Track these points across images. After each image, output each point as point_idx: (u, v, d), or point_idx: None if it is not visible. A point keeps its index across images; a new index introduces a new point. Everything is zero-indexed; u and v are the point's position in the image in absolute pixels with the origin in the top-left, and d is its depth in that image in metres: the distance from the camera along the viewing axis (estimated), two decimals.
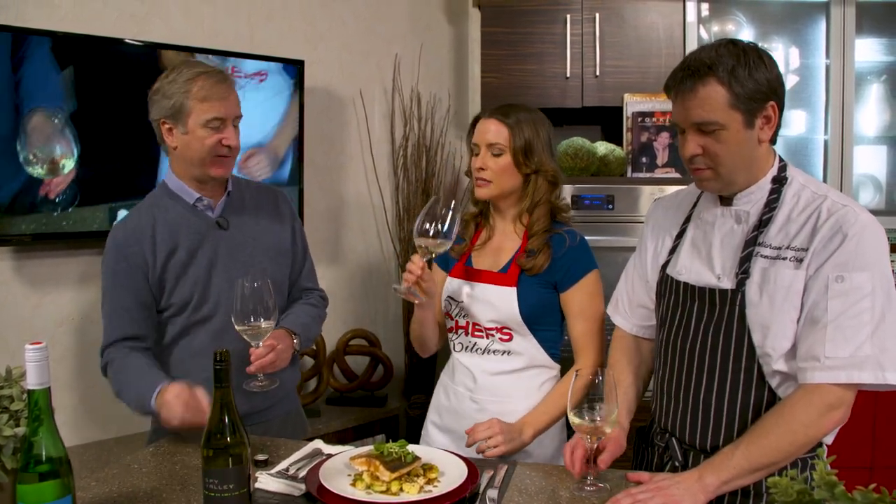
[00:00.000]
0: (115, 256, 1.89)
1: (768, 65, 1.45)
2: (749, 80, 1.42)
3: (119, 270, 1.88)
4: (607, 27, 3.18)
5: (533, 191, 1.88)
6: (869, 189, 3.51)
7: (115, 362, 1.88)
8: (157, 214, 1.92)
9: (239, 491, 1.25)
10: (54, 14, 2.59)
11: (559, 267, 1.86)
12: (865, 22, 3.37)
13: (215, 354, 1.25)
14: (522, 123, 1.86)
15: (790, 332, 1.45)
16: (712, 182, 1.52)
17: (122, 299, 1.88)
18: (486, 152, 1.87)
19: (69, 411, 2.70)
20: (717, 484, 1.38)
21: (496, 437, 1.74)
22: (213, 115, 1.85)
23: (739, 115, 1.44)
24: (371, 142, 3.54)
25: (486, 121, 1.89)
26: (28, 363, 1.13)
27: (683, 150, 1.51)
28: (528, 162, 1.86)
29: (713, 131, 1.45)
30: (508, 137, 1.85)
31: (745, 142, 1.47)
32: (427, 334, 1.99)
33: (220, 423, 1.25)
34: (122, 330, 1.89)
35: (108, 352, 1.90)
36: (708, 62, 1.43)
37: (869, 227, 1.42)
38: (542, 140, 1.88)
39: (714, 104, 1.43)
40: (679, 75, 1.47)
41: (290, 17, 3.24)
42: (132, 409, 1.86)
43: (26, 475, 1.14)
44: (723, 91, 1.42)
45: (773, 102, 1.46)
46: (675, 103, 1.50)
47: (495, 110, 1.90)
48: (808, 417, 1.39)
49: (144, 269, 1.88)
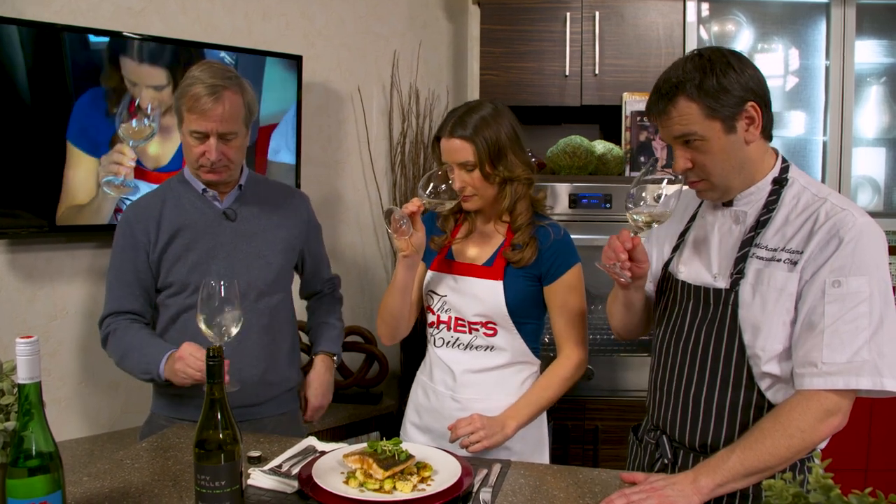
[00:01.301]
0: (122, 231, 1.98)
1: (738, 68, 1.45)
2: (718, 89, 1.43)
3: (125, 246, 1.96)
4: (607, 26, 3.17)
5: (511, 193, 1.87)
6: (867, 191, 3.51)
7: (118, 332, 1.94)
8: (168, 197, 1.99)
9: (231, 487, 1.24)
10: (50, 7, 2.58)
11: (545, 260, 1.86)
12: (866, 23, 3.37)
13: (208, 351, 1.24)
14: (482, 130, 1.81)
15: (781, 335, 1.45)
16: (710, 192, 1.55)
17: (125, 274, 1.96)
18: (459, 170, 1.84)
19: (61, 406, 2.69)
20: (712, 486, 1.38)
21: (478, 433, 1.74)
22: (195, 128, 1.89)
23: (718, 124, 1.45)
24: (369, 138, 3.53)
25: (449, 140, 1.84)
26: (19, 357, 1.12)
27: (675, 166, 1.52)
28: (496, 171, 1.83)
29: (696, 143, 1.47)
30: (474, 152, 1.81)
31: (731, 147, 1.47)
32: (404, 312, 1.92)
33: (213, 419, 1.24)
34: (121, 303, 1.97)
35: (108, 322, 1.97)
36: (675, 81, 1.46)
37: (867, 231, 1.41)
38: (507, 135, 1.84)
39: (689, 119, 1.45)
40: (653, 98, 1.51)
41: (288, 13, 3.23)
42: (136, 374, 1.92)
43: (16, 470, 1.13)
44: (695, 106, 1.44)
45: (753, 102, 1.45)
46: (657, 125, 1.53)
47: (454, 126, 1.83)
48: (806, 423, 1.38)
49: (147, 247, 1.95)
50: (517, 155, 1.86)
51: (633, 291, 1.65)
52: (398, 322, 1.94)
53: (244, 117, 1.94)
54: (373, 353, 3.33)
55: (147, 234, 1.95)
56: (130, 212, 2.00)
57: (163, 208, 1.98)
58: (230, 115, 1.88)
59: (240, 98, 1.91)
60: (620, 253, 1.49)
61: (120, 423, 2.81)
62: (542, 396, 1.86)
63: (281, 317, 2.08)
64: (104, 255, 2.67)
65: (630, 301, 1.69)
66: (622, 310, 1.74)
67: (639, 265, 1.52)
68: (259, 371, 2.00)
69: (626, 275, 1.52)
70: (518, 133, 1.88)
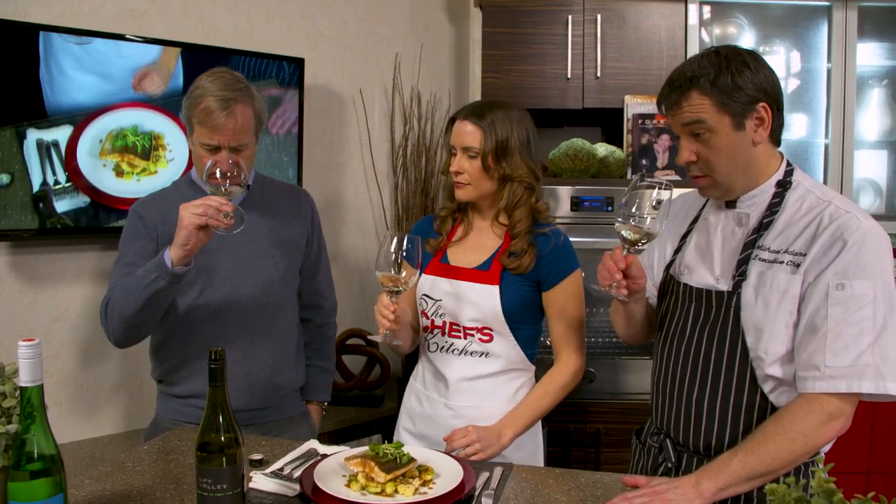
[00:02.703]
0: (132, 224, 1.97)
1: (754, 68, 1.46)
2: (732, 86, 1.44)
3: (136, 236, 1.95)
4: (609, 29, 3.17)
5: (509, 194, 1.86)
6: (869, 193, 3.51)
7: (115, 290, 1.87)
8: (177, 197, 1.98)
9: (233, 491, 1.24)
10: (52, 9, 2.58)
11: (544, 265, 1.85)
12: (867, 26, 3.37)
13: (210, 353, 1.24)
14: (497, 124, 1.82)
15: (784, 337, 1.45)
16: (711, 189, 1.55)
17: (131, 256, 1.93)
18: (461, 155, 1.85)
19: (62, 408, 2.69)
20: (714, 490, 1.38)
21: (473, 445, 1.73)
22: (206, 142, 1.89)
23: (728, 119, 1.46)
24: (371, 141, 3.53)
25: (462, 122, 1.86)
26: (21, 360, 1.12)
27: (679, 157, 1.53)
28: (498, 165, 1.83)
29: (704, 135, 1.47)
30: (482, 140, 1.82)
31: (737, 144, 1.47)
32: (406, 334, 1.91)
33: (215, 422, 1.24)
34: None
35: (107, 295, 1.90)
36: (689, 75, 1.47)
37: (871, 234, 1.40)
38: (519, 139, 1.84)
39: (700, 109, 1.46)
40: (665, 91, 1.52)
41: (289, 16, 3.23)
42: (143, 291, 1.79)
43: (18, 473, 1.13)
44: (707, 100, 1.45)
45: (764, 103, 1.46)
46: (667, 117, 1.54)
47: (471, 111, 1.86)
48: (808, 426, 1.37)
49: (157, 238, 1.94)
50: (523, 158, 1.85)
51: (633, 304, 1.65)
52: (405, 347, 1.94)
53: (254, 127, 1.95)
54: (374, 355, 3.33)
55: (156, 228, 1.94)
56: (140, 207, 1.99)
57: (171, 207, 1.95)
58: (241, 128, 1.89)
59: (250, 109, 1.91)
60: (615, 273, 1.49)
61: (122, 425, 2.81)
62: (540, 405, 1.85)
63: (288, 317, 2.08)
64: (106, 257, 2.68)
65: (631, 313, 1.69)
66: (624, 321, 1.74)
67: (635, 281, 1.52)
68: (267, 374, 2.01)
69: (623, 293, 1.52)
70: (531, 140, 1.88)
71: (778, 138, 1.53)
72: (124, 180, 2.67)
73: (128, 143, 2.66)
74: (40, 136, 2.50)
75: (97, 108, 2.60)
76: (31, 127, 2.48)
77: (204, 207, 1.70)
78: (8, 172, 2.45)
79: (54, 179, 2.54)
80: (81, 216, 2.60)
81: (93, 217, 2.62)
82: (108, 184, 2.64)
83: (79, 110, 2.57)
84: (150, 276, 1.79)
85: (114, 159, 2.64)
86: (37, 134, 2.50)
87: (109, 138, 2.63)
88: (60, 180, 2.55)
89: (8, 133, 2.44)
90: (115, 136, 2.64)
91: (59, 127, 2.54)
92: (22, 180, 2.48)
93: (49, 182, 2.52)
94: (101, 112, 2.61)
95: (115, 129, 2.64)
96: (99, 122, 2.61)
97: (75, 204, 2.59)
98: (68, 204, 2.57)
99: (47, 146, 2.52)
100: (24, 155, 2.48)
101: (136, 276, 1.83)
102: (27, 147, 2.48)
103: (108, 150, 2.63)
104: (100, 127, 2.61)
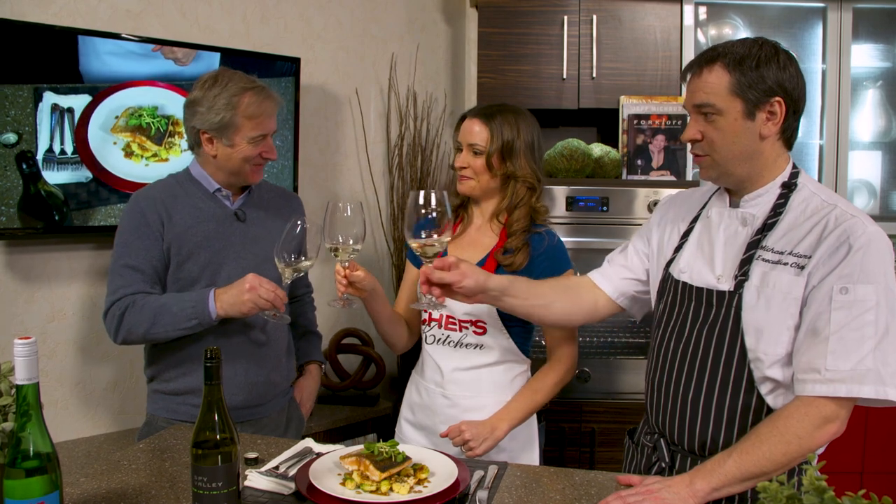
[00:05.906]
0: (134, 218, 1.93)
1: (782, 64, 1.48)
2: (754, 72, 1.46)
3: (139, 232, 1.91)
4: (604, 29, 3.18)
5: (511, 193, 1.92)
6: (863, 194, 3.52)
7: (138, 302, 1.87)
8: (178, 192, 1.98)
9: (228, 489, 1.24)
10: (49, 8, 2.58)
11: (537, 264, 1.89)
12: (862, 27, 3.38)
13: (206, 351, 1.24)
14: (504, 125, 1.90)
15: (785, 339, 1.45)
16: (710, 169, 1.56)
17: (136, 258, 1.90)
18: (467, 151, 1.93)
19: (58, 407, 2.68)
20: (708, 490, 1.38)
21: (467, 444, 1.79)
22: (260, 133, 1.92)
23: (739, 104, 1.48)
24: (367, 141, 3.54)
25: (471, 120, 1.94)
26: (17, 358, 1.12)
27: (685, 134, 1.56)
28: (502, 164, 1.90)
29: (711, 116, 1.50)
30: (488, 138, 1.89)
31: (743, 132, 1.49)
32: (387, 330, 1.98)
33: (210, 420, 1.25)
34: (135, 287, 1.90)
35: (120, 303, 1.88)
36: (720, 50, 1.51)
37: (876, 239, 1.41)
38: (525, 141, 1.91)
39: (715, 88, 1.48)
40: (692, 62, 1.56)
41: (285, 16, 3.23)
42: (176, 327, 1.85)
43: (13, 471, 1.13)
44: (726, 77, 1.48)
45: (780, 98, 1.47)
46: (686, 88, 1.57)
47: (481, 110, 1.95)
48: (803, 429, 1.37)
49: (161, 234, 1.92)
50: (527, 160, 1.92)
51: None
52: (389, 338, 2.01)
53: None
54: (370, 355, 3.33)
55: (160, 224, 1.92)
56: (141, 201, 1.95)
57: (175, 202, 1.95)
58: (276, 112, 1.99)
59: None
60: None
61: (117, 424, 2.81)
62: (534, 399, 1.89)
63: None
64: (102, 256, 2.68)
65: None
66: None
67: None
68: (266, 371, 2.03)
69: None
70: (536, 144, 1.95)
71: (790, 141, 1.54)
72: (132, 162, 2.60)
73: (142, 123, 2.60)
74: (56, 101, 2.44)
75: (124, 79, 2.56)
76: (48, 90, 2.43)
77: (274, 297, 1.78)
78: (16, 132, 2.39)
79: (60, 148, 2.47)
80: (81, 191, 2.52)
81: (93, 193, 2.55)
82: (115, 163, 2.57)
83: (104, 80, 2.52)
84: (189, 320, 1.84)
85: (125, 137, 2.59)
86: (53, 98, 2.44)
87: (125, 114, 2.57)
88: (67, 150, 2.49)
89: (25, 91, 2.38)
90: (130, 113, 2.58)
91: (77, 95, 2.48)
92: (29, 143, 2.42)
93: (55, 150, 2.46)
94: (124, 86, 2.56)
95: (133, 106, 2.58)
96: (118, 96, 2.55)
97: (76, 178, 2.52)
98: (68, 176, 2.50)
99: (62, 112, 2.46)
100: (37, 117, 2.41)
101: (170, 308, 1.84)
102: (41, 109, 2.42)
103: (121, 126, 2.58)
104: (118, 101, 2.55)
